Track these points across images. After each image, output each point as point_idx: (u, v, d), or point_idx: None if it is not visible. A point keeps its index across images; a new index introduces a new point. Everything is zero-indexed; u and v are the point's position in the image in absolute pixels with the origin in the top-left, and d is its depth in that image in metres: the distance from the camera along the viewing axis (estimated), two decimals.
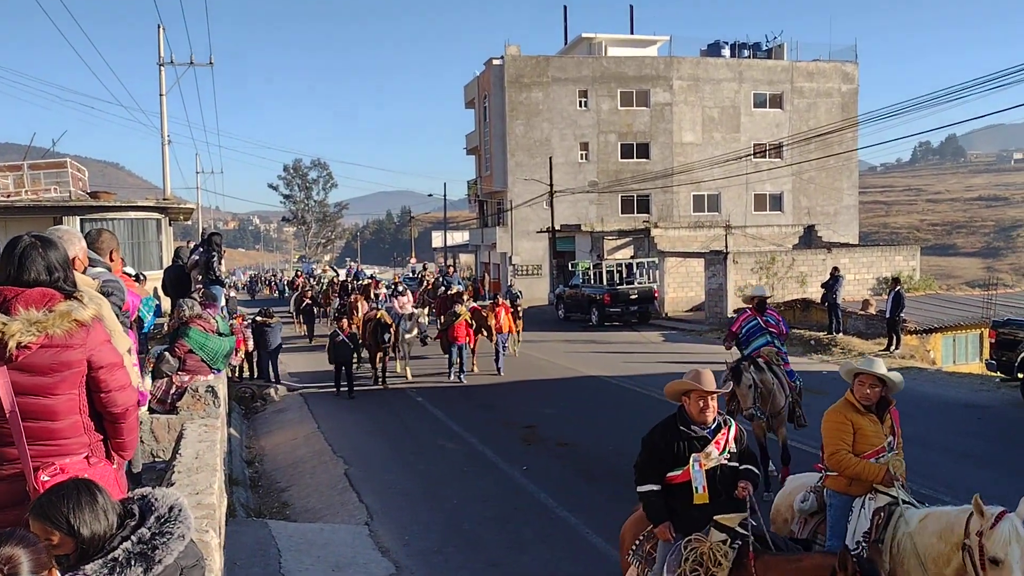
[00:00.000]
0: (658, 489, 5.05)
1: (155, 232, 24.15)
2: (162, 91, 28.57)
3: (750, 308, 10.58)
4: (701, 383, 5.04)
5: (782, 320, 10.61)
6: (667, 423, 5.19)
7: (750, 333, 10.24)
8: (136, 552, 2.53)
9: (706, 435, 5.01)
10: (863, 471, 5.33)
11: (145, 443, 7.60)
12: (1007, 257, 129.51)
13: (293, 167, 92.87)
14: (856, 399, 5.54)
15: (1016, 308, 22.41)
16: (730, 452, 5.02)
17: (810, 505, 5.80)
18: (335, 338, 17.03)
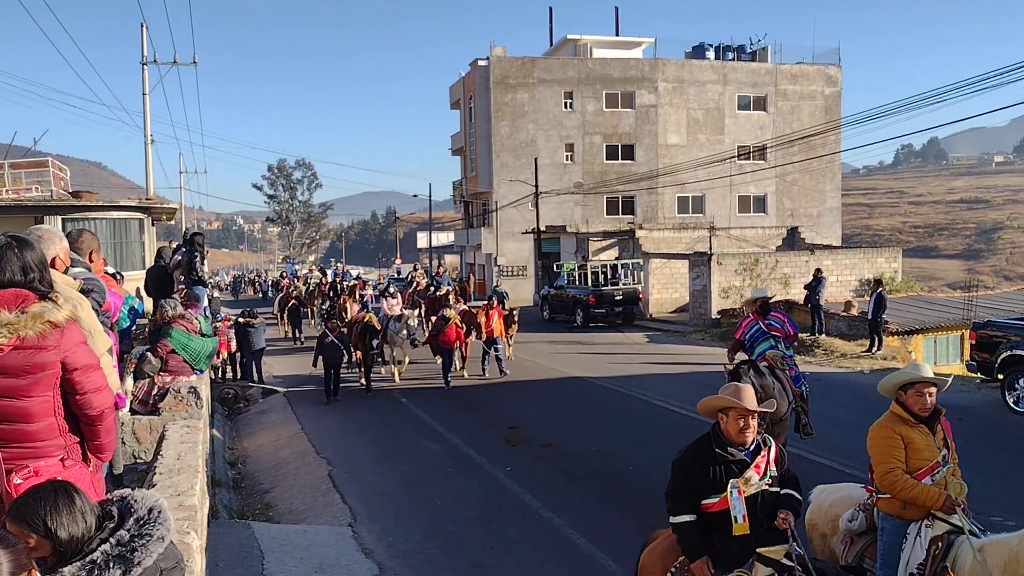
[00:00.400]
0: (694, 520, 4.57)
1: (138, 232, 23.97)
2: (145, 90, 28.37)
3: (752, 312, 10.11)
4: (741, 400, 4.53)
5: (788, 320, 10.16)
6: (701, 444, 4.68)
7: (754, 338, 9.84)
8: (115, 554, 2.51)
9: (745, 458, 4.53)
10: (920, 495, 4.80)
11: (127, 444, 7.56)
12: (988, 259, 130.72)
13: (277, 167, 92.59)
14: (907, 410, 5.06)
15: (996, 310, 22.61)
16: (771, 476, 4.56)
17: (859, 525, 5.33)
18: (324, 339, 16.54)
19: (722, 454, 4.54)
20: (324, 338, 16.55)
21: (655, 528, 8.55)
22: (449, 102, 54.87)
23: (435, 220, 68.39)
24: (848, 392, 15.92)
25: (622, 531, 8.58)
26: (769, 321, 9.85)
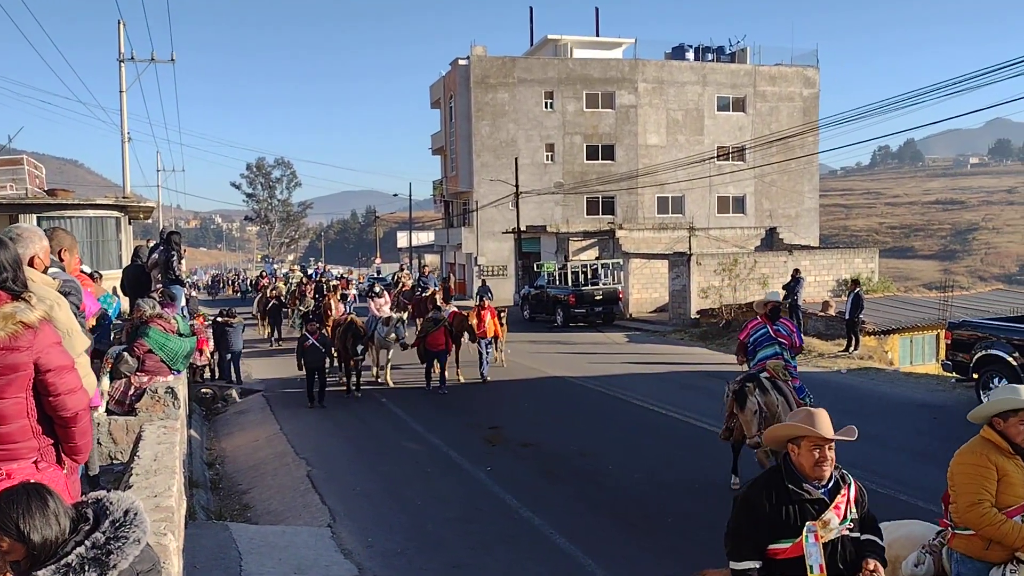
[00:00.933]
0: (759, 567, 3.93)
1: (114, 230, 23.74)
2: (122, 88, 28.15)
3: (761, 315, 9.83)
4: (817, 427, 3.96)
5: (796, 331, 9.82)
6: (770, 480, 4.05)
7: (758, 342, 9.51)
8: (90, 557, 2.49)
9: (823, 497, 3.92)
10: (1010, 534, 4.15)
11: (103, 445, 7.49)
12: (963, 260, 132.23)
13: (256, 166, 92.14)
14: (1006, 439, 4.40)
15: (971, 310, 22.87)
16: (852, 519, 3.97)
17: (927, 570, 4.62)
18: (304, 342, 15.83)
19: (797, 492, 3.92)
20: (304, 341, 15.87)
21: (636, 528, 8.60)
22: (430, 101, 54.82)
23: (415, 220, 68.24)
24: (827, 392, 16.02)
25: (602, 531, 8.61)
26: (778, 327, 9.57)
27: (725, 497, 9.55)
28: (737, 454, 9.59)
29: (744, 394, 8.16)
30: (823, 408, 4.14)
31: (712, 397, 15.74)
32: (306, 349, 15.65)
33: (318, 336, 15.91)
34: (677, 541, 8.23)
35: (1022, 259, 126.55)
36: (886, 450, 11.37)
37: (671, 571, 7.51)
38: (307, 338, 15.78)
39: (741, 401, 8.24)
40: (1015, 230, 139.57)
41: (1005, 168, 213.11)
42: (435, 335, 16.66)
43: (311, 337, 15.73)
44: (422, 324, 17.84)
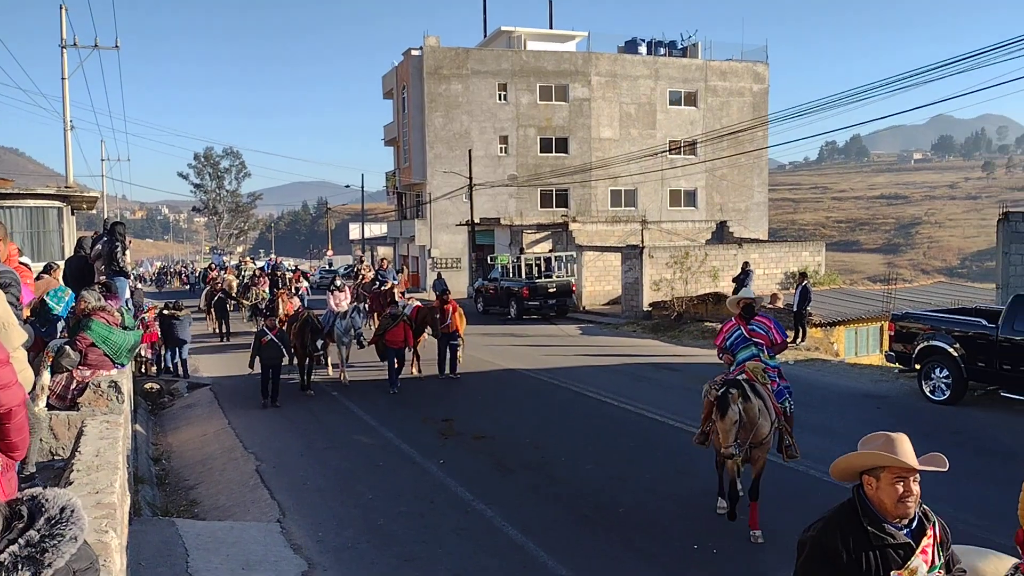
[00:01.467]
0: None
1: (56, 221, 23.09)
2: (64, 74, 27.42)
3: (735, 316, 9.04)
4: (901, 455, 3.45)
5: (775, 327, 8.91)
6: (843, 517, 3.47)
7: (734, 345, 8.84)
8: (24, 556, 2.40)
9: (908, 540, 3.36)
10: None
11: (44, 441, 7.29)
12: (906, 253, 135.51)
13: (204, 155, 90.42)
14: None
15: (914, 302, 23.41)
16: (940, 567, 3.42)
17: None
18: (261, 338, 14.85)
19: (878, 535, 3.34)
20: (262, 336, 14.89)
21: (588, 519, 8.65)
22: (382, 91, 54.35)
23: (368, 211, 67.70)
24: None
25: (554, 522, 8.63)
26: (752, 327, 8.79)
27: (675, 489, 9.67)
28: (722, 474, 8.76)
29: (727, 402, 7.48)
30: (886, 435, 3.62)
31: (664, 389, 15.92)
32: (263, 345, 14.73)
33: (277, 332, 15.08)
34: (629, 532, 8.28)
35: (963, 253, 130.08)
36: (832, 440, 11.59)
37: (622, 561, 7.57)
38: (265, 333, 14.95)
39: (723, 409, 7.52)
40: (956, 224, 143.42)
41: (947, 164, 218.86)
42: (394, 331, 16.03)
43: (269, 333, 14.90)
44: (381, 320, 17.07)
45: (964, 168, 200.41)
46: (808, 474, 9.96)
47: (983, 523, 8.23)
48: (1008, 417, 12.89)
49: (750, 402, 7.76)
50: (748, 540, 7.93)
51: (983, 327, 13.63)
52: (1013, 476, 9.80)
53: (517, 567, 7.48)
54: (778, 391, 8.45)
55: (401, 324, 16.11)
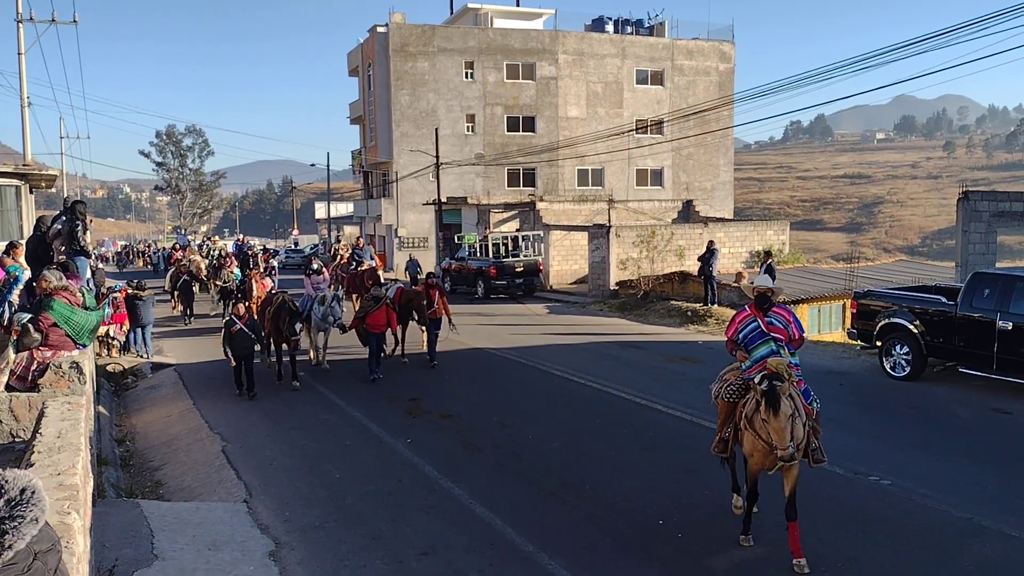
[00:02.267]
0: None
1: (14, 200, 22.60)
2: (21, 49, 26.82)
3: (749, 305, 7.91)
4: None
5: (795, 321, 7.78)
6: None
7: (750, 340, 7.64)
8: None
9: None
10: None
11: (4, 423, 7.20)
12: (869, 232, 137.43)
13: (166, 133, 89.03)
14: None
15: (876, 280, 23.77)
16: None
17: None
18: (231, 327, 13.69)
19: None
20: (231, 325, 13.70)
21: (554, 496, 8.72)
22: (347, 69, 53.78)
23: (334, 190, 67.07)
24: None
25: (521, 499, 8.70)
26: (770, 319, 7.65)
27: (640, 466, 9.78)
28: (734, 467, 8.16)
29: (776, 395, 6.64)
30: None
31: (630, 367, 16.04)
32: (233, 335, 13.62)
33: (247, 320, 13.93)
34: (594, 508, 8.37)
35: (924, 231, 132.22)
36: None
37: (588, 537, 7.65)
38: (234, 322, 13.74)
39: (774, 404, 6.63)
40: (918, 204, 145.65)
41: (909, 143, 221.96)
42: (376, 315, 15.00)
43: (239, 321, 13.72)
44: (361, 303, 15.90)
45: (925, 148, 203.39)
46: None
47: (938, 495, 8.43)
48: (965, 392, 13.18)
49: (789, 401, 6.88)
50: (712, 516, 8.05)
51: (942, 304, 13.89)
52: (968, 449, 10.07)
53: (484, 544, 7.54)
54: (804, 391, 7.44)
55: (383, 307, 15.09)
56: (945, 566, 6.87)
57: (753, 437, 7.08)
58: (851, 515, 7.94)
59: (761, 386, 6.80)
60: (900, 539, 7.41)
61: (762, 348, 7.56)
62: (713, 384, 8.10)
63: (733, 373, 7.89)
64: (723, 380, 7.89)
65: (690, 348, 18.11)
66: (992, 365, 12.97)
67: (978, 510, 7.99)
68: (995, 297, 13.00)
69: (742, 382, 7.58)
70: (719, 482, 8.61)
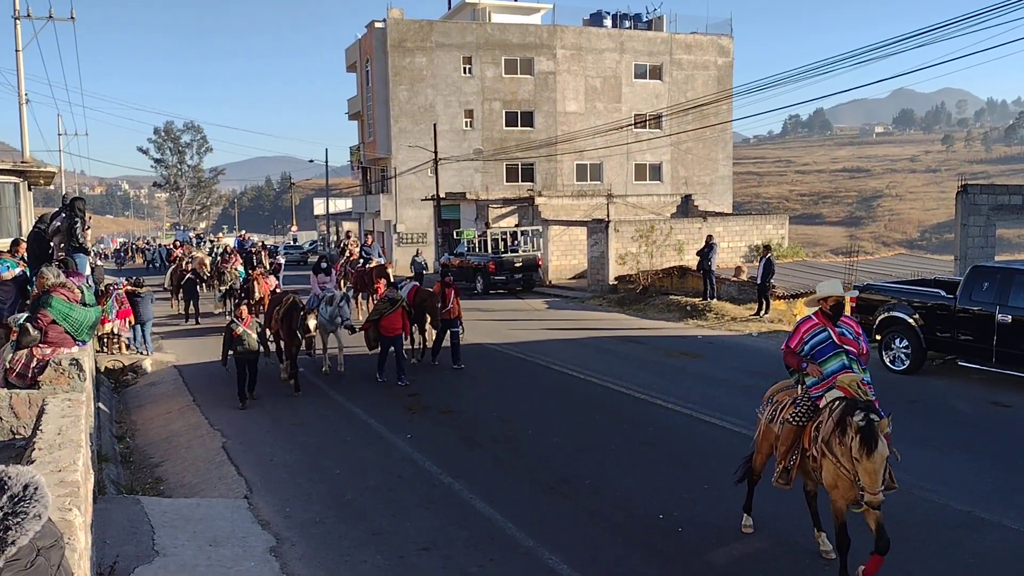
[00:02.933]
0: None
1: (13, 197, 22.61)
2: (18, 46, 26.75)
3: (815, 313, 7.03)
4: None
5: (863, 335, 7.07)
6: None
7: (819, 352, 6.75)
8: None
9: None
10: None
11: (4, 420, 7.19)
12: (868, 226, 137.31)
13: (165, 130, 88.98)
14: None
15: (875, 274, 23.77)
16: None
17: None
18: (234, 330, 12.77)
19: None
20: (234, 328, 12.80)
21: (554, 491, 8.73)
22: (345, 64, 53.70)
23: (332, 186, 67.02)
24: (738, 354, 16.52)
25: (520, 495, 8.71)
26: (841, 330, 6.83)
27: (640, 461, 9.79)
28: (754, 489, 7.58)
29: (874, 433, 5.73)
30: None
31: (630, 362, 16.05)
32: (235, 338, 12.75)
33: (250, 322, 13.18)
34: (594, 503, 8.38)
35: (923, 225, 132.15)
36: None
37: (588, 531, 7.66)
38: (236, 324, 12.88)
39: (870, 443, 5.73)
40: (917, 197, 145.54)
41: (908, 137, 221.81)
42: (391, 317, 14.03)
43: (241, 323, 12.89)
44: (375, 304, 14.73)
45: (924, 141, 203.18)
46: None
47: (938, 488, 8.45)
48: (965, 386, 13.20)
49: None
50: (712, 510, 8.06)
51: (942, 298, 13.90)
52: (968, 443, 10.08)
53: (484, 539, 7.55)
54: None
55: (399, 310, 14.17)
56: (945, 559, 6.89)
57: (835, 466, 6.17)
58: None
59: (856, 419, 5.84)
60: (900, 532, 7.42)
61: (832, 362, 6.68)
62: (762, 408, 7.32)
63: (786, 394, 7.13)
64: (776, 402, 7.09)
65: (690, 343, 18.12)
66: (991, 358, 13.00)
67: (978, 503, 8.01)
68: (994, 290, 13.02)
69: (810, 402, 6.69)
70: (718, 477, 8.63)
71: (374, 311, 14.53)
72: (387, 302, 14.32)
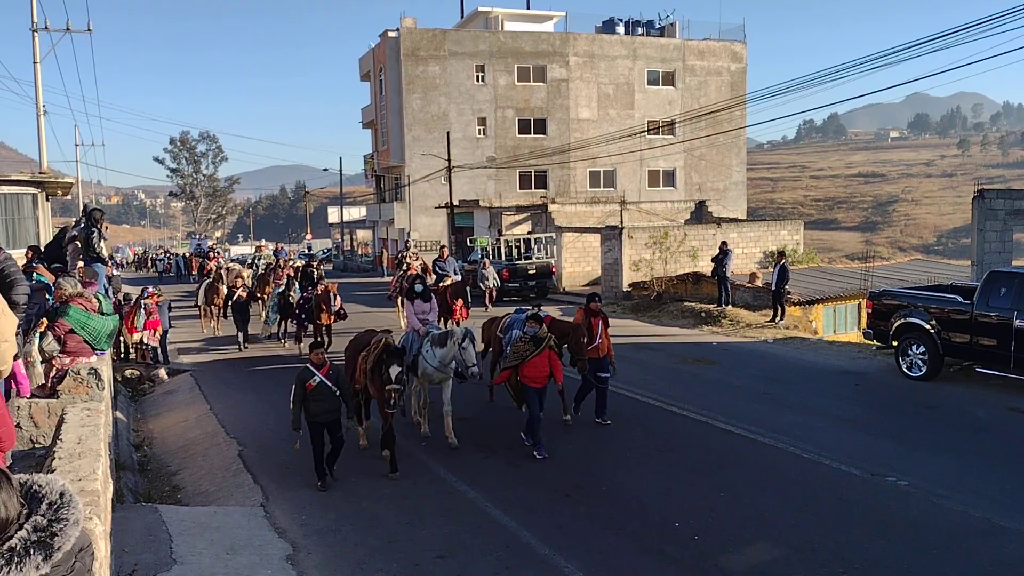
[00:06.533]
0: None
1: (31, 207, 22.84)
2: (36, 59, 27.02)
3: None
4: None
5: None
6: None
7: None
8: (34, 540, 2.43)
9: None
10: None
11: (24, 429, 7.27)
12: (884, 231, 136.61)
13: (180, 140, 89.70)
14: None
15: (891, 279, 23.63)
16: None
17: None
18: (307, 380, 9.21)
19: None
20: (307, 378, 9.25)
21: (569, 498, 8.73)
22: (359, 74, 53.98)
23: (346, 195, 67.28)
24: (754, 360, 16.46)
25: (535, 501, 8.71)
26: None
27: (656, 468, 9.77)
28: None
29: None
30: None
31: (644, 368, 16.02)
32: (310, 392, 9.23)
33: (328, 370, 9.41)
34: (610, 510, 8.37)
35: (939, 230, 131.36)
36: (811, 416, 11.73)
37: (603, 538, 7.65)
38: (311, 374, 9.27)
39: None
40: (932, 202, 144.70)
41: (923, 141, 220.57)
42: (535, 362, 10.41)
43: (317, 372, 9.28)
44: (514, 345, 10.95)
45: (940, 146, 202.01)
46: (788, 451, 10.09)
47: (955, 496, 8.38)
48: (983, 392, 13.09)
49: None
50: (729, 518, 8.03)
51: (958, 304, 13.80)
52: (986, 450, 10.00)
53: (500, 546, 7.55)
54: None
55: (546, 351, 10.50)
56: (963, 567, 6.83)
57: None
58: (868, 516, 7.91)
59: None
60: (918, 540, 7.37)
61: None
62: None
63: None
64: None
65: (705, 349, 18.07)
66: (1009, 364, 12.88)
67: (996, 510, 7.94)
68: (1012, 296, 12.91)
69: None
70: (735, 484, 8.60)
71: (513, 355, 10.78)
72: (531, 342, 10.62)
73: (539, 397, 10.44)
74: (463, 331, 10.82)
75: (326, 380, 9.26)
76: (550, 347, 10.58)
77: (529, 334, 10.70)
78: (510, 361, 10.78)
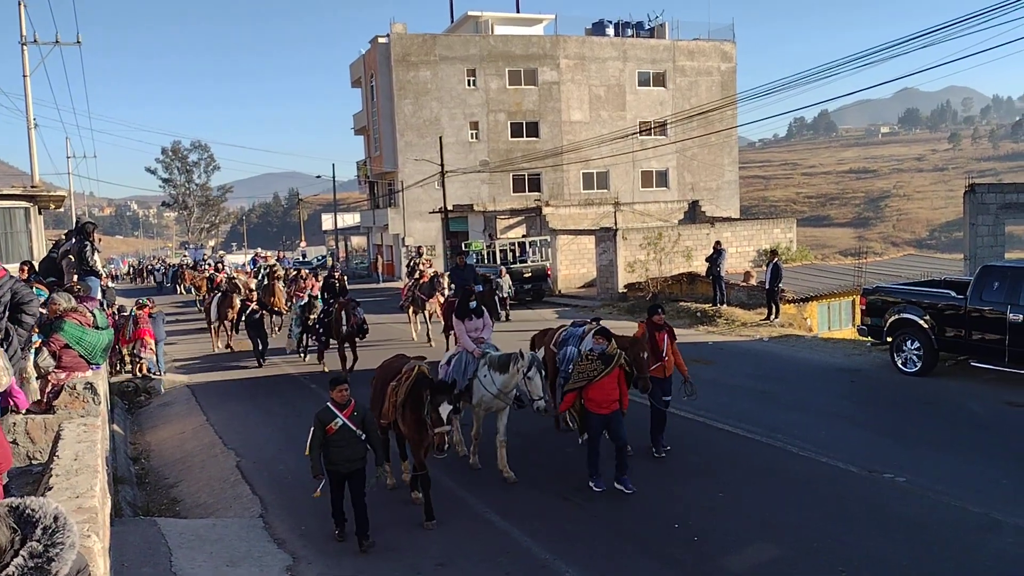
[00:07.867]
0: None
1: (23, 221, 22.77)
2: (26, 72, 26.98)
3: None
4: None
5: None
6: None
7: None
8: (31, 567, 2.41)
9: None
10: None
11: (20, 445, 7.24)
12: (876, 226, 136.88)
13: (172, 150, 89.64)
14: None
15: (885, 275, 23.69)
16: None
17: None
18: (328, 423, 7.81)
19: None
20: (328, 420, 7.84)
21: (569, 502, 8.72)
22: (350, 80, 53.95)
23: (340, 201, 67.25)
24: (750, 360, 16.48)
25: (535, 506, 8.71)
26: None
27: (656, 469, 9.77)
28: None
29: None
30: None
31: None
32: (331, 435, 7.83)
33: (352, 410, 7.97)
34: (609, 513, 8.38)
35: (932, 224, 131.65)
36: (806, 414, 11.75)
37: (604, 541, 7.66)
38: (332, 415, 7.88)
39: None
40: (924, 197, 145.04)
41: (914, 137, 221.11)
42: (603, 384, 9.06)
43: (339, 413, 7.88)
44: (579, 365, 9.39)
45: (931, 140, 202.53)
46: (785, 449, 10.11)
47: (954, 491, 8.41)
48: (978, 386, 13.13)
49: None
50: (729, 518, 8.04)
51: (952, 298, 13.84)
52: (984, 445, 10.03)
53: (500, 552, 7.55)
54: None
55: (615, 372, 9.12)
56: (963, 562, 6.85)
57: None
58: (867, 513, 7.93)
59: None
60: (917, 536, 7.39)
61: None
62: None
63: None
64: None
65: (701, 349, 18.09)
66: (1004, 358, 12.93)
67: (995, 505, 7.97)
68: (1005, 289, 12.96)
69: None
70: (735, 484, 8.61)
71: (577, 375, 9.28)
72: (598, 361, 9.16)
73: (604, 424, 9.11)
74: (530, 358, 9.51)
75: (349, 423, 7.85)
76: (620, 366, 9.20)
77: (596, 351, 9.26)
78: (574, 383, 9.29)
